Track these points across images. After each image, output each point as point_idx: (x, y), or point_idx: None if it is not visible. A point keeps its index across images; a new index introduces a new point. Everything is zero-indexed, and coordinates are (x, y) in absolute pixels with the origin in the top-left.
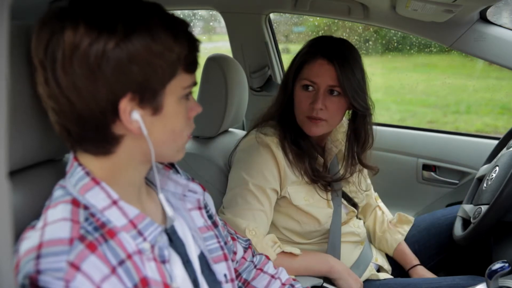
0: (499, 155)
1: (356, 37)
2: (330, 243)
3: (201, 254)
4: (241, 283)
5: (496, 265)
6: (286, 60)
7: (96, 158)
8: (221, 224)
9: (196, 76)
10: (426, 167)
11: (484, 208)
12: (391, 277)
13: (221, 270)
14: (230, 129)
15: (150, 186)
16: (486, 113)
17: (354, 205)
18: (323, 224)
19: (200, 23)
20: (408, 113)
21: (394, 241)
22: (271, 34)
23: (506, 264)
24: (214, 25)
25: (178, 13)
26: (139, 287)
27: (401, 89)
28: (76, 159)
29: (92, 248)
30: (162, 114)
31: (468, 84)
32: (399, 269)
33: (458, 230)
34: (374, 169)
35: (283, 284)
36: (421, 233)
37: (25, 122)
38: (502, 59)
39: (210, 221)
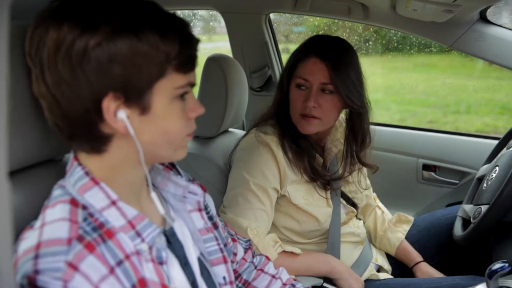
0: (499, 155)
1: (356, 37)
2: (330, 243)
3: (201, 256)
4: (241, 284)
5: (496, 265)
6: (286, 60)
7: (92, 157)
8: (221, 225)
9: (196, 76)
10: (426, 167)
11: (484, 208)
12: (391, 277)
13: (220, 272)
14: (230, 129)
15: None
16: (486, 113)
17: (354, 205)
18: (323, 223)
19: (200, 23)
20: (408, 113)
21: (396, 240)
22: (271, 34)
23: (506, 264)
24: (214, 25)
25: (178, 13)
26: None
27: (401, 89)
28: (76, 159)
29: (91, 248)
30: (152, 114)
31: (468, 84)
32: (399, 269)
33: (458, 230)
34: (373, 167)
35: (284, 284)
36: (421, 233)
37: (25, 122)
38: (502, 59)
39: (210, 223)
